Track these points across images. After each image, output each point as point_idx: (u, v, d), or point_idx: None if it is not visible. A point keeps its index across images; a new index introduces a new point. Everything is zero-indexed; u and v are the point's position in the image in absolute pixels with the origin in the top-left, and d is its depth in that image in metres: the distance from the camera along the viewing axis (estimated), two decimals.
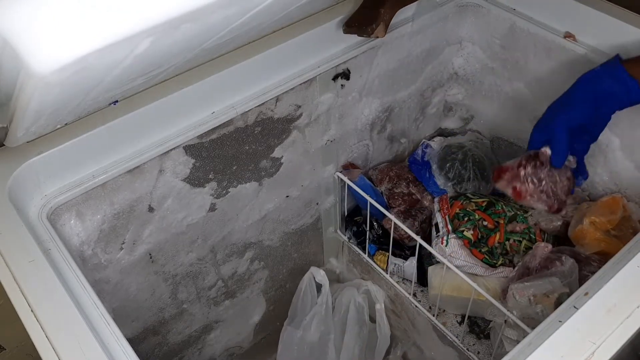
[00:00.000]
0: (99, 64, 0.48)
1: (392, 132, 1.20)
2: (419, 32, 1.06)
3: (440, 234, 1.08)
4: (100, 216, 0.82)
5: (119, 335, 0.61)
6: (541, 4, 0.99)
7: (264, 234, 1.11)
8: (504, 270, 1.01)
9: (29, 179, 0.73)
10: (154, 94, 0.79)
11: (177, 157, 0.85)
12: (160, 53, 0.57)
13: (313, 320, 1.18)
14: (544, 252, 0.92)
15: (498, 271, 1.01)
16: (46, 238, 0.70)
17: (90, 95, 0.61)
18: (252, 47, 0.85)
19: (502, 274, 1.01)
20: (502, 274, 1.01)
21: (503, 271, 1.01)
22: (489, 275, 1.01)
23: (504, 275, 1.01)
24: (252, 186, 1.00)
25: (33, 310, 0.60)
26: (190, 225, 0.95)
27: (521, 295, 0.85)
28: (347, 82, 1.00)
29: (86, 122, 0.75)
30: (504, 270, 1.01)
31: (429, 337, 1.14)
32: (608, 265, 0.64)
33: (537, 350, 0.56)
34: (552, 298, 0.90)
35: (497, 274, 1.01)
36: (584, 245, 0.97)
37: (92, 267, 0.86)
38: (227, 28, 0.62)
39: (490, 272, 1.01)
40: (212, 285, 1.08)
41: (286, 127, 0.98)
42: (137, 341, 1.02)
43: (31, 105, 0.53)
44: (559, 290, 0.89)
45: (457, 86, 1.24)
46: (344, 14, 0.91)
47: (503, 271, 1.01)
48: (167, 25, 0.46)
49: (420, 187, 1.21)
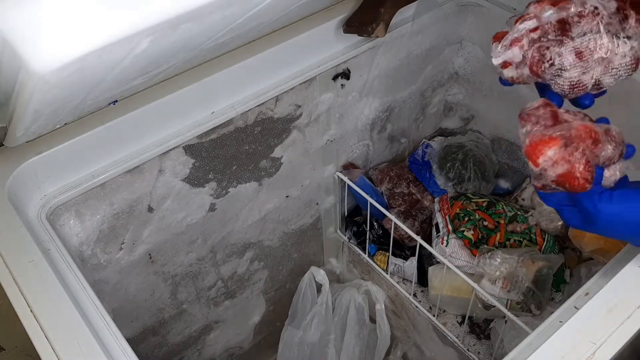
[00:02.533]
0: (99, 63, 0.48)
1: (392, 132, 1.20)
2: (419, 32, 1.05)
3: (440, 234, 1.08)
4: (100, 216, 0.82)
5: (119, 336, 0.60)
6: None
7: (264, 234, 1.11)
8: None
9: (29, 179, 0.73)
10: (154, 94, 0.78)
11: (177, 157, 0.85)
12: (160, 53, 0.57)
13: (313, 321, 1.18)
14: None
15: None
16: (45, 238, 0.69)
17: (89, 95, 0.61)
18: (252, 47, 0.85)
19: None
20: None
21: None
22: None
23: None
24: (252, 186, 1.00)
25: (32, 310, 0.60)
26: (190, 226, 0.95)
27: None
28: (347, 81, 1.00)
29: (86, 122, 0.75)
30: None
31: (429, 337, 1.13)
32: (608, 266, 0.64)
33: (537, 351, 0.56)
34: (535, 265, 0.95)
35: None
36: (583, 243, 0.98)
37: (92, 267, 0.86)
38: (226, 28, 0.61)
39: None
40: (211, 285, 1.08)
41: (286, 127, 0.97)
42: (137, 341, 1.02)
43: (31, 105, 0.52)
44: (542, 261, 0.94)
45: (457, 86, 1.24)
46: (344, 14, 0.91)
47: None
48: (166, 25, 0.46)
49: (420, 187, 1.21)
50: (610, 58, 0.56)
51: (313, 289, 1.21)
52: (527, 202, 1.15)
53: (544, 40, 0.56)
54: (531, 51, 0.57)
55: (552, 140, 0.54)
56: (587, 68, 0.56)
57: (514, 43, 0.57)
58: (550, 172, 0.54)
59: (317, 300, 1.20)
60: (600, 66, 0.56)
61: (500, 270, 0.96)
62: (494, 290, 0.95)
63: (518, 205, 1.12)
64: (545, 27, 0.56)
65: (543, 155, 0.54)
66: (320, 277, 1.20)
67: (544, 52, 0.56)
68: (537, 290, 0.96)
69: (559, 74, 0.57)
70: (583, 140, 0.54)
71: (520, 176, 1.23)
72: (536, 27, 0.56)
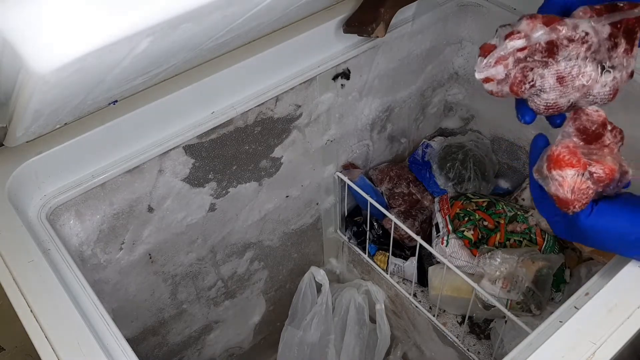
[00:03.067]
0: (99, 63, 0.48)
1: (392, 132, 1.20)
2: (419, 32, 1.05)
3: (440, 234, 1.08)
4: (100, 216, 0.82)
5: (119, 336, 0.60)
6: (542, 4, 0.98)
7: (264, 234, 1.11)
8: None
9: (29, 179, 0.73)
10: (154, 94, 0.78)
11: (177, 157, 0.85)
12: (160, 53, 0.57)
13: (313, 321, 1.18)
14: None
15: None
16: (45, 238, 0.69)
17: (89, 95, 0.61)
18: (252, 47, 0.85)
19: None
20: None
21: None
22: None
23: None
24: (252, 186, 1.00)
25: (32, 310, 0.60)
26: (190, 226, 0.95)
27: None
28: (347, 81, 1.00)
29: (86, 122, 0.75)
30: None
31: (429, 337, 1.13)
32: (608, 266, 0.64)
33: (537, 351, 0.56)
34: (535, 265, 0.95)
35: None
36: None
37: (92, 267, 0.86)
38: (226, 28, 0.61)
39: None
40: (211, 285, 1.08)
41: (286, 127, 0.97)
42: (137, 341, 1.02)
43: (30, 105, 0.52)
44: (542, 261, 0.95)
45: (457, 86, 1.24)
46: (344, 14, 0.91)
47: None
48: (166, 25, 0.46)
49: (420, 187, 1.21)
50: (590, 86, 0.56)
51: (313, 289, 1.21)
52: (527, 202, 1.15)
53: (530, 61, 0.57)
54: (515, 71, 0.57)
55: (577, 163, 0.55)
56: (566, 93, 0.57)
57: (499, 61, 0.57)
58: (552, 186, 0.56)
59: (317, 300, 1.20)
60: (579, 92, 0.57)
61: (500, 270, 0.96)
62: (494, 290, 0.95)
63: (518, 205, 1.12)
64: (533, 47, 0.56)
65: (559, 170, 0.55)
66: (320, 277, 1.20)
67: (527, 74, 0.57)
68: (537, 290, 0.96)
69: (538, 94, 0.58)
70: (599, 181, 0.56)
71: (520, 176, 1.23)
72: (524, 47, 0.56)
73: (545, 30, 0.56)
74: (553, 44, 0.56)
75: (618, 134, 0.60)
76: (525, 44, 0.56)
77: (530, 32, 0.56)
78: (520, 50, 0.56)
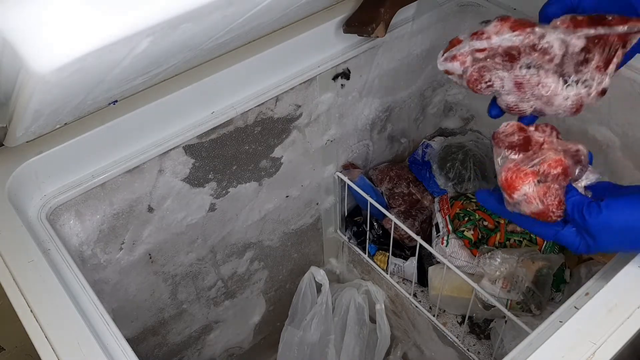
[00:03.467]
0: (99, 63, 0.48)
1: (392, 132, 1.20)
2: (419, 32, 1.05)
3: (440, 234, 1.08)
4: (100, 216, 0.82)
5: (119, 336, 0.60)
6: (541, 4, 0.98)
7: (264, 234, 1.11)
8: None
9: (29, 179, 0.73)
10: (154, 94, 0.78)
11: (177, 157, 0.85)
12: (160, 53, 0.57)
13: (313, 321, 1.18)
14: None
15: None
16: (45, 238, 0.69)
17: (89, 95, 0.61)
18: (252, 47, 0.85)
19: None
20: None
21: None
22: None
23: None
24: (252, 186, 1.00)
25: (32, 310, 0.60)
26: (190, 226, 0.95)
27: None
28: (347, 81, 1.00)
29: (85, 122, 0.75)
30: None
31: (429, 337, 1.13)
32: (608, 266, 0.64)
33: (537, 351, 0.56)
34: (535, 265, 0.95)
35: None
36: None
37: (92, 267, 0.86)
38: (226, 28, 0.61)
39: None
40: (211, 285, 1.08)
41: (286, 127, 0.97)
42: (137, 341, 1.02)
43: (30, 105, 0.52)
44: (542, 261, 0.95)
45: (457, 86, 1.24)
46: (344, 14, 0.91)
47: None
48: (166, 25, 0.46)
49: (420, 187, 1.21)
50: (550, 97, 0.57)
51: (313, 289, 1.21)
52: None
53: (489, 62, 0.57)
54: (471, 69, 0.57)
55: (526, 176, 0.56)
56: (525, 99, 0.57)
57: (456, 58, 0.58)
58: (525, 207, 0.57)
59: (317, 300, 1.20)
60: (540, 101, 0.57)
61: (500, 270, 0.96)
62: (494, 290, 0.95)
63: None
64: (494, 49, 0.57)
65: (518, 192, 0.56)
66: (320, 277, 1.20)
67: (483, 74, 0.58)
68: (537, 290, 0.96)
69: (499, 94, 0.59)
70: (555, 177, 0.56)
71: None
72: (483, 49, 0.57)
73: (509, 35, 0.56)
74: (516, 50, 0.56)
75: (546, 127, 0.60)
76: (485, 45, 0.57)
77: (495, 35, 0.57)
78: (479, 51, 0.57)
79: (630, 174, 0.99)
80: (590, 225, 0.56)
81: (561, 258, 1.02)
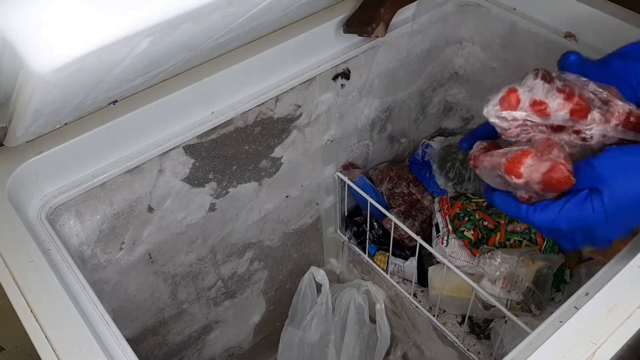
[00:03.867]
0: (99, 63, 0.48)
1: (392, 132, 1.20)
2: (419, 32, 1.05)
3: (440, 234, 1.08)
4: (100, 216, 0.82)
5: (119, 336, 0.60)
6: (542, 4, 0.98)
7: (264, 234, 1.11)
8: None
9: (28, 179, 0.73)
10: (154, 94, 0.78)
11: (177, 157, 0.85)
12: (160, 53, 0.57)
13: (313, 321, 1.18)
14: None
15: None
16: (45, 238, 0.69)
17: (89, 95, 0.61)
18: (252, 47, 0.85)
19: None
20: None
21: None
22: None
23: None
24: (252, 186, 1.00)
25: (32, 310, 0.60)
26: (190, 226, 0.95)
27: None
28: (347, 81, 1.00)
29: (86, 122, 0.75)
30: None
31: (429, 337, 1.13)
32: (608, 266, 0.64)
33: (537, 351, 0.56)
34: (535, 265, 0.95)
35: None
36: None
37: (92, 267, 0.86)
38: (226, 28, 0.61)
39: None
40: (211, 285, 1.08)
41: (286, 127, 0.97)
42: (137, 341, 1.02)
43: (30, 105, 0.53)
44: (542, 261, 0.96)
45: (457, 86, 1.24)
46: (344, 14, 0.91)
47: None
48: (166, 25, 0.46)
49: (420, 187, 1.21)
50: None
51: (313, 289, 1.21)
52: None
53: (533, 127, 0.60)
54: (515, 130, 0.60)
55: (526, 152, 0.57)
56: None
57: (506, 120, 0.60)
58: (535, 175, 0.57)
59: (317, 300, 1.20)
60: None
61: (500, 270, 0.96)
62: (494, 290, 0.95)
63: None
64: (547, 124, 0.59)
65: (524, 165, 0.57)
66: (320, 277, 1.20)
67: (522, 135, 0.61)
68: (537, 290, 0.96)
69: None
70: (550, 145, 0.57)
71: None
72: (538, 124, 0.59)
73: (566, 117, 0.58)
74: (562, 126, 0.59)
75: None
76: (541, 121, 0.59)
77: (554, 112, 0.58)
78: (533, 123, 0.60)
79: None
80: (598, 165, 0.55)
81: (561, 258, 1.02)
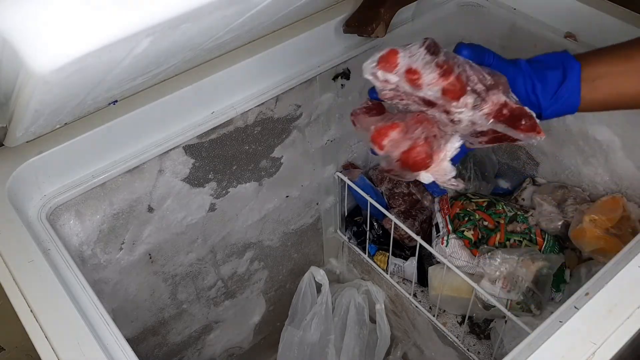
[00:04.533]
0: (99, 63, 0.48)
1: None
2: (419, 32, 1.05)
3: (440, 234, 1.08)
4: (100, 216, 0.82)
5: (119, 336, 0.60)
6: (542, 4, 0.98)
7: (264, 234, 1.11)
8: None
9: (29, 179, 0.73)
10: (154, 94, 0.78)
11: (177, 157, 0.85)
12: (160, 53, 0.57)
13: (313, 321, 1.18)
14: None
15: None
16: (45, 238, 0.69)
17: (89, 95, 0.61)
18: (252, 47, 0.85)
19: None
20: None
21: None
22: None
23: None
24: (252, 186, 1.00)
25: (32, 310, 0.60)
26: (190, 226, 0.95)
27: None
28: (347, 81, 1.00)
29: (86, 122, 0.75)
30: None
31: (429, 337, 1.13)
32: (608, 266, 0.64)
33: (537, 351, 0.56)
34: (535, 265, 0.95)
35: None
36: (583, 243, 0.97)
37: (92, 267, 0.86)
38: (226, 28, 0.61)
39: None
40: (211, 285, 1.08)
41: (286, 127, 0.97)
42: (137, 341, 1.02)
43: (30, 105, 0.53)
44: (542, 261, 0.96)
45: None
46: (344, 14, 0.91)
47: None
48: (166, 25, 0.46)
49: (420, 187, 1.21)
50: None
51: (313, 289, 1.21)
52: (527, 202, 1.15)
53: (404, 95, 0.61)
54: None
55: (394, 125, 0.59)
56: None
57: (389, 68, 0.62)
58: (395, 152, 0.59)
59: (317, 300, 1.20)
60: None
61: (500, 270, 0.96)
62: (494, 290, 0.95)
63: (518, 205, 1.12)
64: (416, 94, 0.60)
65: (387, 137, 0.59)
66: (320, 277, 1.20)
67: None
68: (537, 290, 0.96)
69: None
70: (420, 122, 0.59)
71: (520, 176, 1.23)
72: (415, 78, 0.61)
73: (438, 93, 0.60)
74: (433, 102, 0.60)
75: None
76: (410, 90, 0.60)
77: (427, 85, 0.60)
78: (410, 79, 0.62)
79: (630, 174, 0.99)
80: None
81: (561, 258, 1.02)
